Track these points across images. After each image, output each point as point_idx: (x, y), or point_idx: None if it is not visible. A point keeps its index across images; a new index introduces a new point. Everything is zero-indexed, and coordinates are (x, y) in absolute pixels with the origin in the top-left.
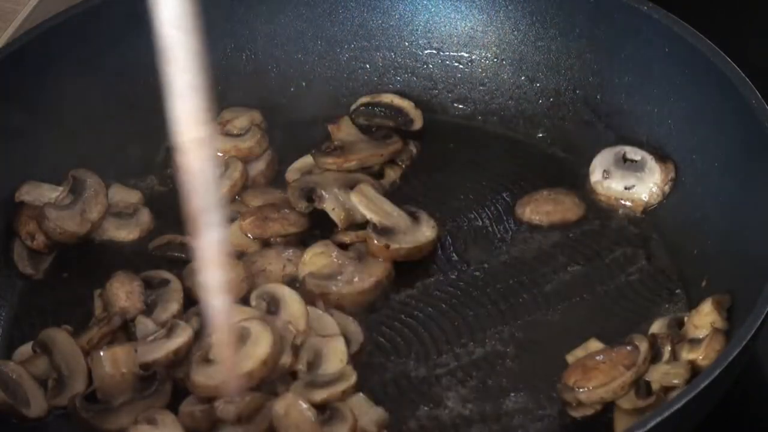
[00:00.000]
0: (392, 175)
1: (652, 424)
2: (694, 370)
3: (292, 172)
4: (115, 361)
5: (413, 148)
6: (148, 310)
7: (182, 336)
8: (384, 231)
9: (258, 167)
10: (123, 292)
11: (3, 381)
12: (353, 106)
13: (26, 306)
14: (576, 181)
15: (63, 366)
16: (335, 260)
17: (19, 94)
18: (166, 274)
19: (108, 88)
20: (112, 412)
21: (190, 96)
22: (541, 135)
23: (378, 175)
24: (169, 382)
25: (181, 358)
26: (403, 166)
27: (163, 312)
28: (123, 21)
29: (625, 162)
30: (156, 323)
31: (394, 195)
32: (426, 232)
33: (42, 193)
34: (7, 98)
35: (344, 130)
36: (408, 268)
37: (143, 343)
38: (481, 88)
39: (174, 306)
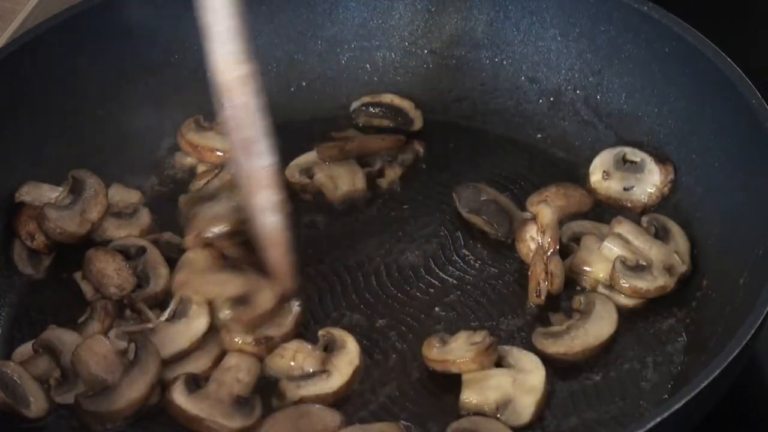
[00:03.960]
0: (392, 174)
1: (652, 424)
2: None
3: (292, 168)
4: (91, 351)
5: (419, 147)
6: (143, 281)
7: (200, 317)
8: None
9: None
10: (111, 269)
11: (3, 381)
12: (353, 106)
13: (26, 306)
14: (576, 182)
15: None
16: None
17: (19, 93)
18: (139, 241)
19: (108, 87)
20: (113, 392)
21: (229, 39)
22: (540, 135)
23: (378, 174)
24: (150, 342)
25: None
26: (407, 165)
27: (158, 279)
28: (123, 21)
29: (624, 163)
30: (155, 293)
31: (394, 195)
32: None
33: (42, 194)
34: (7, 98)
35: (348, 132)
36: (408, 268)
37: (159, 331)
38: (481, 88)
39: (163, 270)
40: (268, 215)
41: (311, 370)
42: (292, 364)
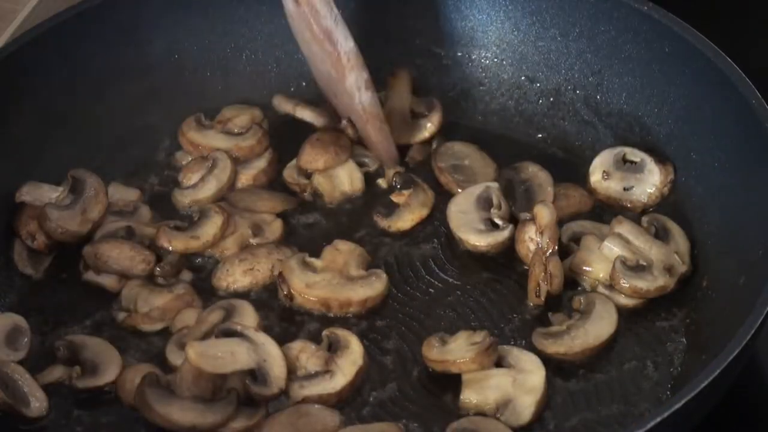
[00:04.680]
0: (392, 175)
1: (652, 424)
2: None
3: (291, 169)
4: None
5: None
6: (160, 252)
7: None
8: None
9: (259, 165)
10: (127, 251)
11: (3, 381)
12: None
13: (26, 306)
14: (576, 182)
15: (93, 358)
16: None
17: (19, 94)
18: (121, 224)
19: (108, 88)
20: (175, 403)
21: None
22: (541, 135)
23: (377, 174)
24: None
25: None
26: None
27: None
28: (123, 21)
29: (624, 163)
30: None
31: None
32: None
33: (42, 194)
34: (7, 98)
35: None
36: (408, 267)
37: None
38: (481, 88)
39: None
40: (362, 93)
41: (315, 370)
42: (296, 363)
